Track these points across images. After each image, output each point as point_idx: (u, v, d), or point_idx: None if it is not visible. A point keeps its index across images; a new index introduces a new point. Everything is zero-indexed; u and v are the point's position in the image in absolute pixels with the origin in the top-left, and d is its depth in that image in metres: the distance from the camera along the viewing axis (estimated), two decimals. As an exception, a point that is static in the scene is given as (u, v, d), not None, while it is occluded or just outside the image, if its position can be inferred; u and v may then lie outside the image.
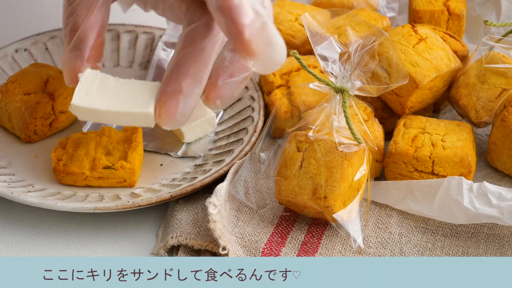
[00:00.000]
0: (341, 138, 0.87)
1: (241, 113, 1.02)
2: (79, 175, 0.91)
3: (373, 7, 1.14)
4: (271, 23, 0.82)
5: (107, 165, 0.91)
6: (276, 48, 0.81)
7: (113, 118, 0.86)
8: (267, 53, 0.81)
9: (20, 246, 0.89)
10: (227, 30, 0.80)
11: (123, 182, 0.92)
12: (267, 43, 0.81)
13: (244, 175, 0.94)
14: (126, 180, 0.92)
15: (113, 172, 0.91)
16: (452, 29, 1.08)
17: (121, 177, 0.91)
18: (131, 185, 0.92)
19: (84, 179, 0.91)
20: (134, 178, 0.92)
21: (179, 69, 0.84)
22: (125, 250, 0.89)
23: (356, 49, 0.89)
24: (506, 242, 0.88)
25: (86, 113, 0.86)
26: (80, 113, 0.86)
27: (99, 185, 0.92)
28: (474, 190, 0.88)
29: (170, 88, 0.84)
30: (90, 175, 0.91)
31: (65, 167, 0.91)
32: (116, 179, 0.92)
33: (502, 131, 0.94)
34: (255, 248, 0.87)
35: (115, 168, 0.91)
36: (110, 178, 0.91)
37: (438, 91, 0.99)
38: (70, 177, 0.92)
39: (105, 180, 0.92)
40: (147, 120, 0.85)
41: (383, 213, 0.91)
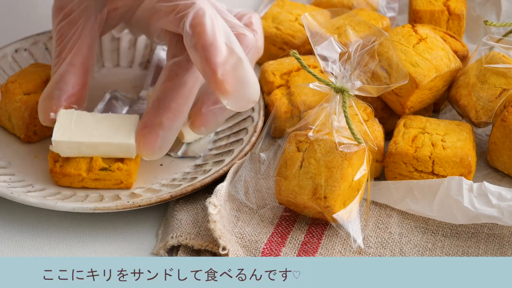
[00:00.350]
0: (341, 138, 0.87)
1: (241, 113, 1.02)
2: (76, 176, 0.91)
3: (373, 7, 1.14)
4: (246, 60, 0.84)
5: (104, 166, 0.90)
6: (249, 87, 0.83)
7: (95, 149, 0.90)
8: (240, 92, 0.83)
9: (20, 246, 0.89)
10: (201, 69, 0.83)
11: (119, 184, 0.92)
12: (240, 83, 0.83)
13: (244, 175, 0.94)
14: (123, 182, 0.92)
15: (110, 173, 0.91)
16: (452, 29, 1.08)
17: (117, 179, 0.91)
18: (127, 187, 0.92)
19: (80, 181, 0.91)
20: (131, 180, 0.92)
21: (160, 103, 0.88)
22: (125, 250, 0.89)
23: (356, 49, 0.89)
24: (506, 242, 0.88)
25: (68, 148, 0.90)
26: (62, 149, 0.90)
27: (96, 187, 0.92)
28: (474, 190, 0.88)
29: (150, 121, 0.88)
30: (87, 177, 0.91)
31: (61, 169, 0.91)
32: (113, 180, 0.91)
33: (502, 131, 0.94)
34: (255, 248, 0.87)
35: (112, 170, 0.91)
36: (106, 180, 0.91)
37: (438, 91, 0.99)
38: (66, 179, 0.91)
39: (101, 181, 0.91)
40: (129, 151, 0.89)
41: (383, 213, 0.91)
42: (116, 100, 1.05)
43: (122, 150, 0.90)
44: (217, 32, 0.83)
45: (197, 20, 0.84)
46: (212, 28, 0.83)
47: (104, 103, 1.04)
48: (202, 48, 0.82)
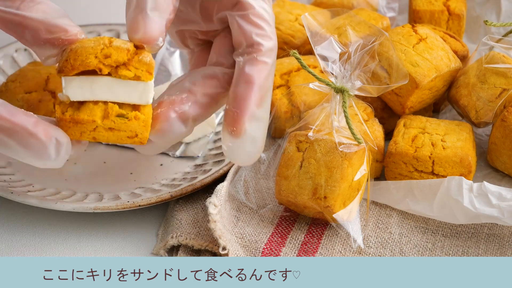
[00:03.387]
0: (341, 138, 0.87)
1: (241, 113, 1.02)
2: (89, 124, 0.81)
3: (373, 7, 1.14)
4: (266, 124, 0.84)
5: (121, 112, 0.81)
6: (256, 146, 0.83)
7: (110, 90, 0.81)
8: (247, 145, 0.82)
9: (20, 246, 0.89)
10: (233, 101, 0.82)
11: (134, 137, 0.82)
12: (252, 138, 0.82)
13: (244, 175, 0.94)
14: (138, 135, 0.82)
15: (126, 122, 0.81)
16: (452, 29, 1.08)
17: (133, 130, 0.82)
18: (141, 142, 0.83)
19: (93, 130, 0.81)
20: (146, 133, 0.82)
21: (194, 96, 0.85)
22: (125, 250, 0.89)
23: (356, 49, 0.89)
24: (506, 242, 0.88)
25: (80, 88, 0.81)
26: (73, 90, 0.80)
27: (108, 139, 0.82)
28: (474, 190, 0.88)
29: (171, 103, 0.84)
30: (101, 125, 0.81)
31: (72, 116, 0.81)
32: (128, 132, 0.82)
33: (502, 131, 0.94)
34: (255, 248, 0.87)
35: (129, 118, 0.81)
36: (121, 131, 0.82)
37: (438, 91, 0.99)
38: (77, 128, 0.81)
39: (115, 132, 0.82)
40: (146, 93, 0.81)
41: (383, 213, 0.91)
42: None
43: (139, 92, 0.81)
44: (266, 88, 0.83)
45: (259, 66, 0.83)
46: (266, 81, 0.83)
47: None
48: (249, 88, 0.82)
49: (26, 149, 0.78)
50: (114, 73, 0.79)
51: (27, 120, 0.77)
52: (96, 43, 0.79)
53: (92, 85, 0.80)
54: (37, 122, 0.78)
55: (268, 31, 0.84)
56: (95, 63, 0.78)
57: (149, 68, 0.80)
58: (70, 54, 0.79)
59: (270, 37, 0.84)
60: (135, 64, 0.79)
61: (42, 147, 0.78)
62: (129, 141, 0.82)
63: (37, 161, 0.79)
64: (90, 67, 0.78)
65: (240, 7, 0.84)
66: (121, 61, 0.79)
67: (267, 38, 0.84)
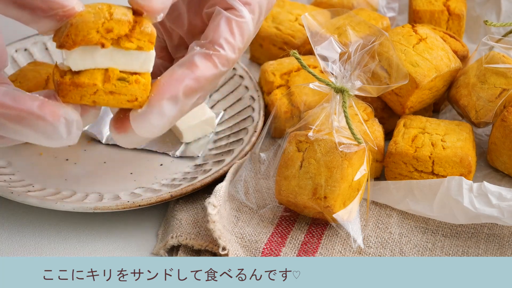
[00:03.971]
0: (341, 138, 0.87)
1: (241, 113, 1.02)
2: (90, 87, 0.79)
3: (373, 7, 1.14)
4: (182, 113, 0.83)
5: (122, 76, 0.80)
6: (159, 122, 0.82)
7: (111, 59, 0.80)
8: (152, 116, 0.81)
9: (20, 246, 0.89)
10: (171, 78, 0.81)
11: (134, 100, 0.81)
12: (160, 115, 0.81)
13: (244, 175, 0.94)
14: (138, 99, 0.81)
15: (127, 86, 0.80)
16: (452, 29, 1.08)
17: (133, 94, 0.81)
18: (140, 105, 0.82)
19: (93, 94, 0.80)
20: (146, 96, 0.82)
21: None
22: (125, 250, 0.89)
23: (356, 49, 0.89)
24: (506, 242, 0.88)
25: (81, 57, 0.80)
26: (74, 59, 0.79)
27: (107, 103, 0.81)
28: (474, 190, 0.88)
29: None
30: (102, 88, 0.80)
31: (72, 80, 0.79)
32: (128, 96, 0.81)
33: (502, 131, 0.94)
34: (255, 248, 0.87)
35: (129, 81, 0.81)
36: (122, 94, 0.81)
37: (438, 91, 0.99)
38: (77, 91, 0.80)
39: (116, 96, 0.81)
40: (147, 62, 0.81)
41: (383, 213, 0.91)
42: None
43: (140, 61, 0.81)
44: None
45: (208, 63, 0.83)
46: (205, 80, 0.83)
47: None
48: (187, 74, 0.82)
49: (37, 133, 0.78)
50: (116, 45, 0.79)
51: (32, 104, 0.77)
52: (96, 17, 0.78)
53: (94, 55, 0.79)
54: (43, 104, 0.77)
55: (237, 45, 0.84)
56: (97, 38, 0.78)
57: (151, 38, 0.80)
58: (71, 29, 0.78)
59: (235, 50, 0.84)
60: (137, 35, 0.79)
61: (51, 128, 0.78)
62: (129, 105, 0.82)
63: (50, 142, 0.79)
64: (92, 42, 0.78)
65: (232, 12, 0.84)
66: (123, 34, 0.79)
67: (231, 49, 0.83)
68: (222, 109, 1.04)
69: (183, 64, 0.82)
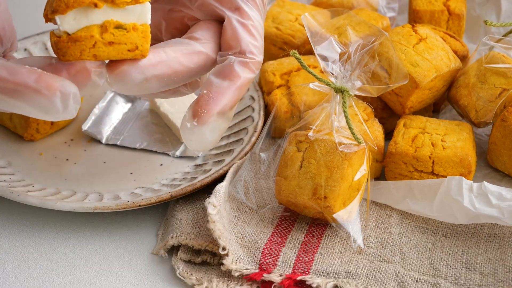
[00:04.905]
0: (341, 138, 0.87)
1: (241, 113, 1.02)
2: (88, 40, 0.78)
3: (373, 7, 1.14)
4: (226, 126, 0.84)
5: (119, 24, 0.79)
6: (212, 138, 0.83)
7: (106, 17, 0.79)
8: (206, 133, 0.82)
9: (20, 246, 0.89)
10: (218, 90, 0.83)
11: (135, 49, 0.80)
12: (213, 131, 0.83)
13: (244, 175, 0.94)
14: (138, 47, 0.80)
15: (125, 34, 0.79)
16: (452, 29, 1.08)
17: (133, 43, 0.80)
18: (143, 55, 0.81)
19: (92, 47, 0.79)
20: (147, 45, 0.81)
21: None
22: (125, 250, 0.89)
23: (356, 49, 0.89)
24: (506, 242, 0.88)
25: (75, 19, 0.78)
26: (69, 21, 0.78)
27: (108, 55, 0.80)
28: (474, 190, 0.88)
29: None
30: (100, 40, 0.78)
31: (69, 36, 0.78)
32: (128, 45, 0.80)
33: (502, 131, 0.94)
34: (255, 248, 0.87)
35: (127, 28, 0.79)
36: (121, 44, 0.79)
37: (438, 91, 0.99)
38: (76, 47, 0.78)
39: (115, 46, 0.79)
40: (144, 14, 0.81)
41: (383, 213, 0.91)
42: (118, 97, 1.05)
43: (137, 15, 0.80)
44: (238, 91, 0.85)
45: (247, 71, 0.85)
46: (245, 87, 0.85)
47: (106, 100, 1.04)
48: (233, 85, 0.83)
49: (33, 106, 0.77)
50: (110, 3, 0.78)
51: (29, 77, 0.76)
52: None
53: (88, 16, 0.79)
54: (40, 77, 0.76)
55: (261, 46, 0.86)
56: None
57: None
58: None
59: (261, 52, 0.86)
60: None
61: (47, 102, 0.77)
62: (130, 55, 0.80)
63: (47, 116, 0.78)
64: (85, 3, 0.77)
65: (241, 14, 0.85)
66: None
67: (259, 52, 0.86)
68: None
69: (224, 75, 0.83)
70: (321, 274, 0.84)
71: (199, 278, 0.85)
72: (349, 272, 0.84)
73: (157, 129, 1.02)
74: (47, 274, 0.86)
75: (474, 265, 0.86)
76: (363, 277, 0.84)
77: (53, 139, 1.00)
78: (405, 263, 0.86)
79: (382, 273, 0.84)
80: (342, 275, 0.84)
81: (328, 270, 0.85)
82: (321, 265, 0.85)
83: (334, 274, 0.84)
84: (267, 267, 0.85)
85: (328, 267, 0.85)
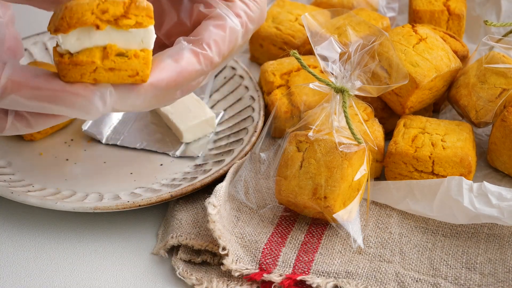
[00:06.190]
0: (341, 138, 0.87)
1: (241, 113, 1.02)
2: (88, 65, 0.79)
3: (373, 7, 1.14)
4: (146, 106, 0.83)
5: (121, 51, 0.79)
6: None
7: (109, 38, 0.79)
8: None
9: (20, 246, 0.89)
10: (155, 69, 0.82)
11: (135, 75, 0.80)
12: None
13: (244, 175, 0.94)
14: (139, 73, 0.80)
15: (126, 61, 0.79)
16: (452, 29, 1.08)
17: (134, 69, 0.80)
18: (143, 80, 0.81)
19: (93, 71, 0.79)
20: (147, 70, 0.81)
21: None
22: (125, 250, 0.89)
23: (356, 49, 0.89)
24: (506, 242, 0.88)
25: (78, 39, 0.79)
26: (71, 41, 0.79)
27: (109, 79, 0.80)
28: (474, 190, 0.88)
29: None
30: (101, 66, 0.79)
31: (71, 59, 0.78)
32: (129, 71, 0.80)
33: (502, 131, 0.94)
34: (255, 248, 0.87)
35: (129, 56, 0.79)
36: (122, 70, 0.80)
37: (438, 91, 0.99)
38: (77, 70, 0.79)
39: (116, 72, 0.80)
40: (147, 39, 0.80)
41: (383, 213, 0.91)
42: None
43: (139, 39, 0.80)
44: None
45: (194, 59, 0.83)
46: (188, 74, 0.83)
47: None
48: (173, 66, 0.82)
49: (73, 109, 0.78)
50: (114, 25, 0.78)
51: (64, 82, 0.78)
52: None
53: (91, 37, 0.79)
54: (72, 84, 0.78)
55: (224, 50, 0.85)
56: (91, 19, 0.77)
57: (149, 12, 0.79)
58: (66, 12, 0.77)
59: (220, 55, 0.84)
60: (133, 11, 0.78)
61: (87, 102, 0.78)
62: (131, 80, 0.81)
63: (88, 116, 0.80)
64: (87, 24, 0.77)
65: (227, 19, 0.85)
66: (119, 14, 0.78)
67: (218, 52, 0.84)
68: (222, 109, 1.04)
69: (171, 55, 0.82)
70: (321, 274, 0.84)
71: (199, 278, 0.85)
72: (349, 272, 0.84)
73: (157, 129, 1.02)
74: (47, 274, 0.86)
75: (474, 265, 0.86)
76: (363, 277, 0.84)
77: (53, 139, 1.00)
78: (405, 263, 0.86)
79: (382, 273, 0.84)
80: (342, 275, 0.84)
81: (328, 270, 0.85)
82: (321, 265, 0.85)
83: (334, 274, 0.84)
84: (267, 267, 0.85)
85: (328, 267, 0.85)
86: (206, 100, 1.05)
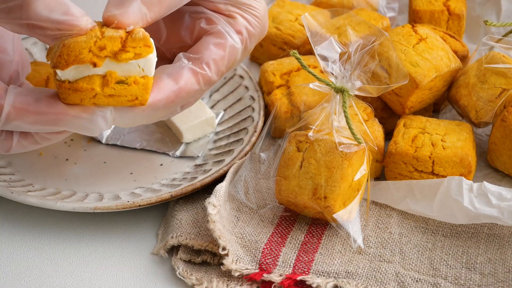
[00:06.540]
0: (341, 138, 0.87)
1: (241, 113, 1.02)
2: (88, 92, 0.79)
3: (373, 7, 1.14)
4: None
5: (121, 79, 0.79)
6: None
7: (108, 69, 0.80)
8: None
9: (20, 246, 0.89)
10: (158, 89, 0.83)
11: (134, 100, 0.81)
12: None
13: (244, 175, 0.94)
14: (138, 98, 0.81)
15: (126, 88, 0.80)
16: (452, 29, 1.08)
17: (133, 94, 0.80)
18: (142, 103, 0.81)
19: (92, 97, 0.80)
20: (147, 95, 0.81)
21: None
22: (125, 250, 0.89)
23: (356, 49, 0.89)
24: (506, 242, 0.88)
25: (77, 72, 0.79)
26: (71, 74, 0.79)
27: (108, 104, 0.81)
28: (474, 190, 0.88)
29: None
30: (101, 93, 0.79)
31: (71, 84, 0.79)
32: (128, 96, 0.80)
33: (502, 131, 0.94)
34: (255, 248, 0.87)
35: (128, 83, 0.80)
36: (121, 96, 0.80)
37: (438, 91, 0.98)
38: (77, 95, 0.79)
39: (115, 98, 0.80)
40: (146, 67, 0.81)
41: (383, 213, 0.91)
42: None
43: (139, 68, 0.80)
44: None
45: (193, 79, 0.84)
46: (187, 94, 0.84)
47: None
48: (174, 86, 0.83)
49: (77, 129, 0.81)
50: (113, 59, 0.79)
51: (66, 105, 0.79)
52: (88, 36, 0.78)
53: (90, 69, 0.79)
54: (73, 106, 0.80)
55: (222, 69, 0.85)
56: (89, 57, 0.78)
57: (146, 42, 0.79)
58: (63, 50, 0.77)
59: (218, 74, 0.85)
60: (131, 44, 0.79)
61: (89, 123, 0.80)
62: (129, 104, 0.81)
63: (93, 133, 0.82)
64: (84, 62, 0.78)
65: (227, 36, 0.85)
66: (117, 49, 0.78)
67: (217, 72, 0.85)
68: (222, 109, 1.04)
69: (170, 74, 0.83)
70: (321, 274, 0.84)
71: (199, 278, 0.85)
72: (349, 272, 0.84)
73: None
74: (47, 274, 0.86)
75: (474, 265, 0.86)
76: (363, 277, 0.84)
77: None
78: (405, 263, 0.86)
79: (382, 273, 0.84)
80: (342, 275, 0.84)
81: (328, 270, 0.85)
82: (321, 265, 0.85)
83: (334, 274, 0.84)
84: (267, 267, 0.85)
85: (328, 267, 0.85)
86: (206, 100, 1.05)
